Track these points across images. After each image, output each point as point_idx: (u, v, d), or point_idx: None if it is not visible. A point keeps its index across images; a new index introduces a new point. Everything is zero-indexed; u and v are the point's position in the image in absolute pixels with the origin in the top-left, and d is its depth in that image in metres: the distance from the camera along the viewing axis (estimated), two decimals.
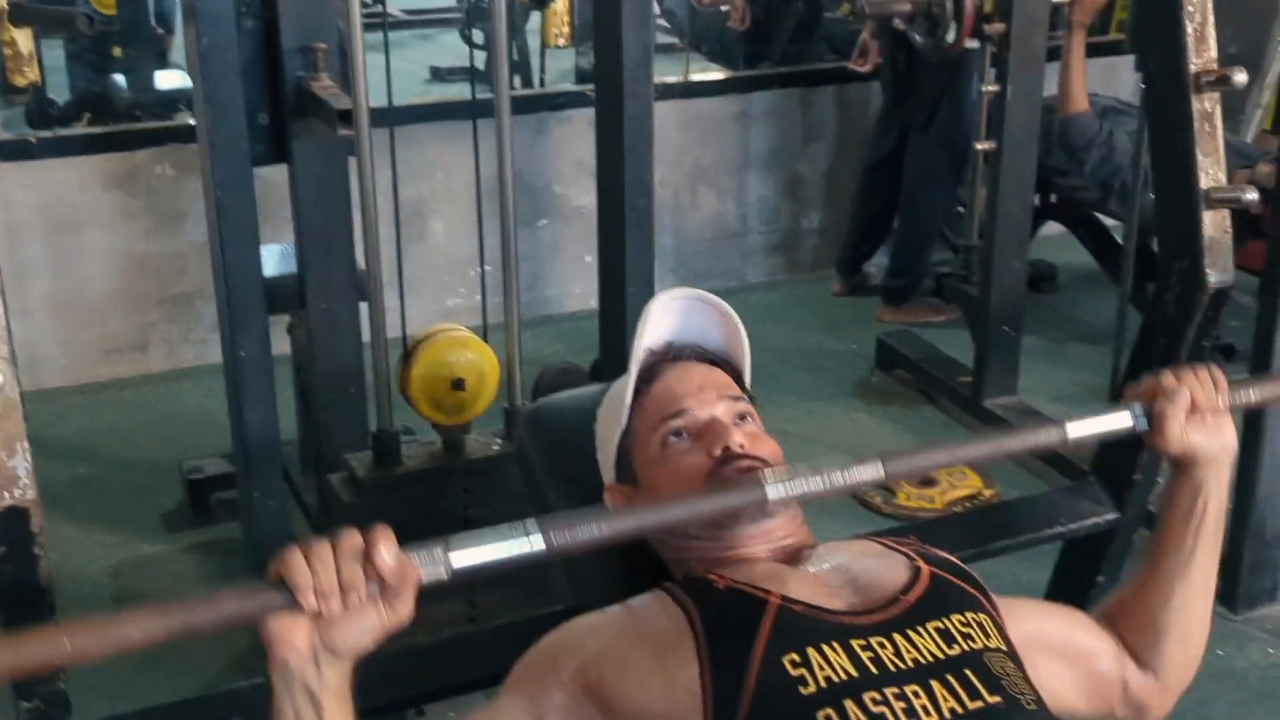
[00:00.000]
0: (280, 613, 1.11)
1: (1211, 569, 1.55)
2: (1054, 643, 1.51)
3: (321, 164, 2.85)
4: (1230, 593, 2.95)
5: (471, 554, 1.17)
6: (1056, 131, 4.15)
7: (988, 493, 3.48)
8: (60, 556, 3.14)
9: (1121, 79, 4.93)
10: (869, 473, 1.32)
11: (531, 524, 1.19)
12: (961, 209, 4.53)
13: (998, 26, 3.74)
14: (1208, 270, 1.97)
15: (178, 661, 2.75)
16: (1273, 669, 2.76)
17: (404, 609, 1.15)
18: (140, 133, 4.21)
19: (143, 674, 2.71)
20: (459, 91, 4.56)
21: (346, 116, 2.43)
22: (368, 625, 1.13)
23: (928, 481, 3.52)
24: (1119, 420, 1.42)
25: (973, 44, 4.03)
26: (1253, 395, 1.53)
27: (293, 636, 1.12)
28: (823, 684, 1.27)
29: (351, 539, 1.13)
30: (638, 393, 1.58)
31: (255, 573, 1.13)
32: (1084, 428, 1.40)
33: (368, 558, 1.12)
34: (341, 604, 1.11)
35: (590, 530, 1.24)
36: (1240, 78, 1.95)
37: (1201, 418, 1.45)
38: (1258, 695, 2.68)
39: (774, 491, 1.31)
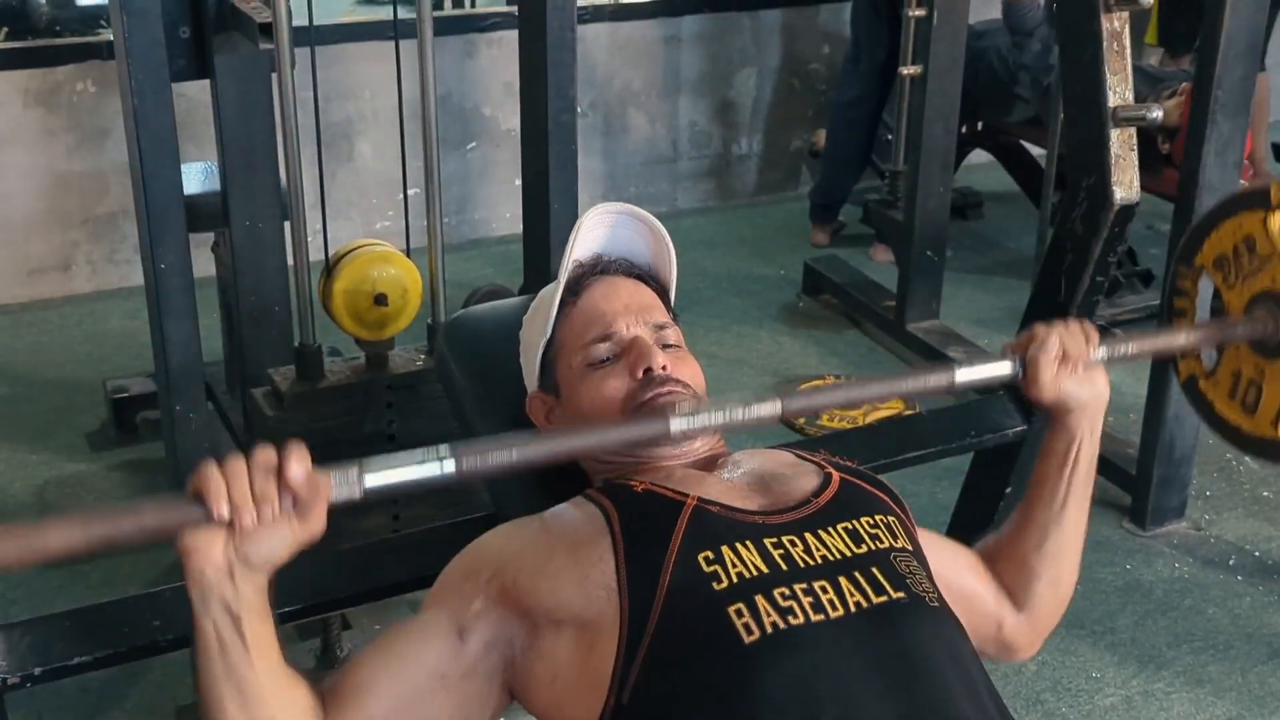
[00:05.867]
0: (196, 525, 1.14)
1: (1082, 518, 1.61)
2: (944, 581, 1.52)
3: (245, 80, 2.83)
4: (1140, 509, 3.04)
5: (384, 475, 1.21)
6: (1003, 11, 4.25)
7: (909, 414, 3.53)
8: None
9: None
10: (767, 409, 1.38)
11: (445, 449, 1.23)
12: (889, 136, 4.56)
13: None
14: (1114, 187, 2.01)
15: (103, 572, 2.77)
16: (1177, 582, 2.85)
17: (315, 523, 1.18)
18: (61, 48, 4.14)
19: (66, 589, 2.72)
20: (388, 12, 4.52)
21: (268, 29, 2.41)
22: (280, 537, 1.16)
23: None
24: (1001, 368, 1.52)
25: None
26: (1130, 349, 1.58)
27: (209, 548, 1.15)
28: (734, 579, 1.30)
29: (265, 454, 1.16)
30: (564, 303, 1.60)
31: (179, 490, 1.15)
32: (971, 374, 1.50)
33: (280, 472, 1.15)
34: (255, 516, 1.14)
35: (502, 456, 1.27)
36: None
37: (1073, 367, 1.50)
38: (1162, 607, 2.77)
39: (678, 425, 1.36)
